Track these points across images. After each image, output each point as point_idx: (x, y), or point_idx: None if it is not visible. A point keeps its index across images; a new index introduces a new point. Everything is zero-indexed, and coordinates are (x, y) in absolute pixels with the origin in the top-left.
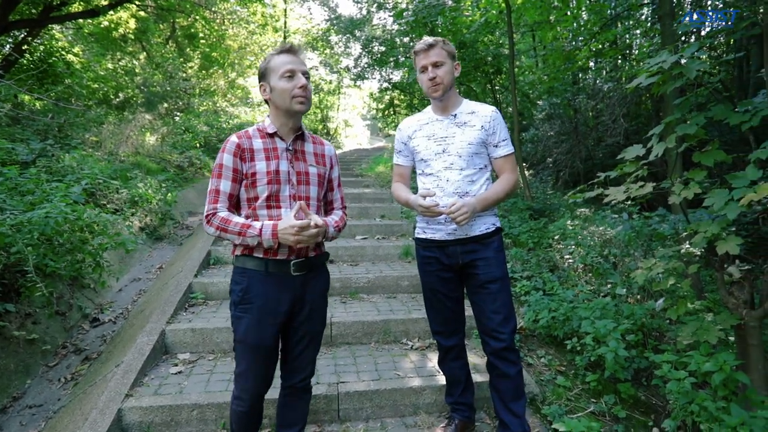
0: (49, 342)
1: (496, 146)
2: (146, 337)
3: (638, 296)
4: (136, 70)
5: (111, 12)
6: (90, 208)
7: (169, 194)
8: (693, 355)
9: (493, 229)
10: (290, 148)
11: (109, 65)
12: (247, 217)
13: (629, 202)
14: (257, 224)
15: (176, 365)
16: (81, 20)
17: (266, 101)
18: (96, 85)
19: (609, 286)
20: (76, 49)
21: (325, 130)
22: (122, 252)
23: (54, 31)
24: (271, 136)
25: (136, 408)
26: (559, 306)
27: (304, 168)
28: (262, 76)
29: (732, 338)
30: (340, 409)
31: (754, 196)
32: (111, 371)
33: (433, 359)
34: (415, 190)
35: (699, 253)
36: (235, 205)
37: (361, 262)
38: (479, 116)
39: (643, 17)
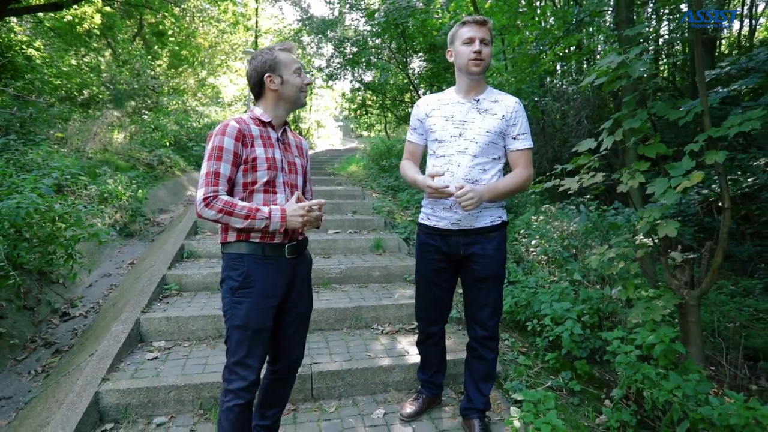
0: (17, 336)
1: (515, 138)
2: (121, 325)
3: (597, 285)
4: (102, 67)
5: (75, 6)
6: (61, 199)
7: (140, 191)
8: (640, 331)
9: (499, 222)
10: (280, 138)
11: (73, 61)
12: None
13: (587, 197)
14: (265, 208)
15: (152, 352)
16: (42, 13)
17: (266, 92)
18: (58, 81)
19: (568, 273)
20: (37, 44)
21: (297, 131)
22: (92, 247)
23: (12, 24)
24: (265, 125)
25: (113, 391)
26: (522, 292)
27: (292, 158)
28: (271, 68)
29: (677, 319)
30: (314, 388)
31: (687, 183)
32: (85, 360)
33: (402, 341)
34: (424, 170)
35: (651, 243)
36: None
37: (333, 254)
38: (502, 105)
39: (606, 24)
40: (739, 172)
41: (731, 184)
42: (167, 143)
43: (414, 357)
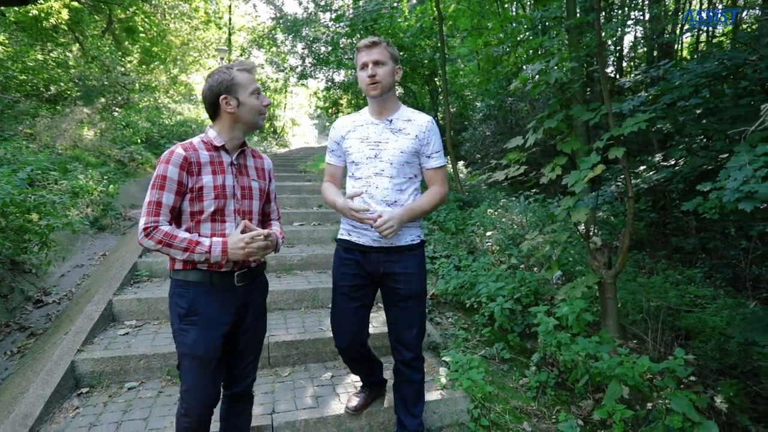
0: None
1: (429, 157)
2: (95, 306)
3: (534, 268)
4: (70, 63)
5: (41, 1)
6: (36, 191)
7: (111, 186)
8: (560, 305)
9: (418, 241)
10: (235, 162)
11: (39, 56)
12: (187, 230)
13: (534, 190)
14: (206, 241)
15: (123, 329)
16: (4, 7)
17: (222, 114)
18: (24, 77)
19: (509, 258)
20: (1, 38)
21: (272, 129)
22: (65, 239)
23: None
24: (217, 149)
25: (88, 360)
26: (465, 275)
27: (248, 183)
28: (228, 89)
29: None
30: (270, 357)
31: (591, 174)
32: (61, 338)
33: None
34: (344, 192)
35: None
36: (174, 218)
37: (297, 244)
38: (415, 125)
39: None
40: (642, 167)
41: (642, 178)
42: (139, 140)
43: None
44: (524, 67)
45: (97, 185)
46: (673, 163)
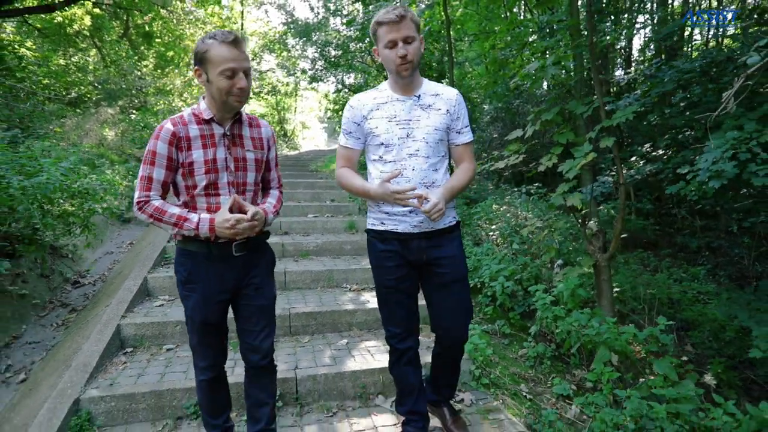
0: (38, 297)
1: (459, 132)
2: (132, 281)
3: (537, 260)
4: (90, 67)
5: (66, 8)
6: (80, 177)
7: (136, 181)
8: (557, 284)
9: (455, 222)
10: (228, 133)
11: (61, 61)
12: (185, 204)
13: (537, 184)
14: (194, 217)
15: (158, 301)
16: (29, 14)
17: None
18: (47, 81)
19: (511, 245)
20: (28, 44)
21: (282, 132)
22: (97, 228)
23: (5, 26)
24: (208, 122)
25: (131, 324)
26: (469, 260)
27: (242, 154)
28: (200, 61)
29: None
30: (291, 326)
31: (584, 161)
32: (102, 310)
33: (366, 295)
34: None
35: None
36: (171, 190)
37: (312, 233)
38: (444, 99)
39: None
40: (633, 158)
41: (636, 168)
42: None
43: (374, 303)
44: (527, 67)
45: (123, 180)
46: (662, 152)
